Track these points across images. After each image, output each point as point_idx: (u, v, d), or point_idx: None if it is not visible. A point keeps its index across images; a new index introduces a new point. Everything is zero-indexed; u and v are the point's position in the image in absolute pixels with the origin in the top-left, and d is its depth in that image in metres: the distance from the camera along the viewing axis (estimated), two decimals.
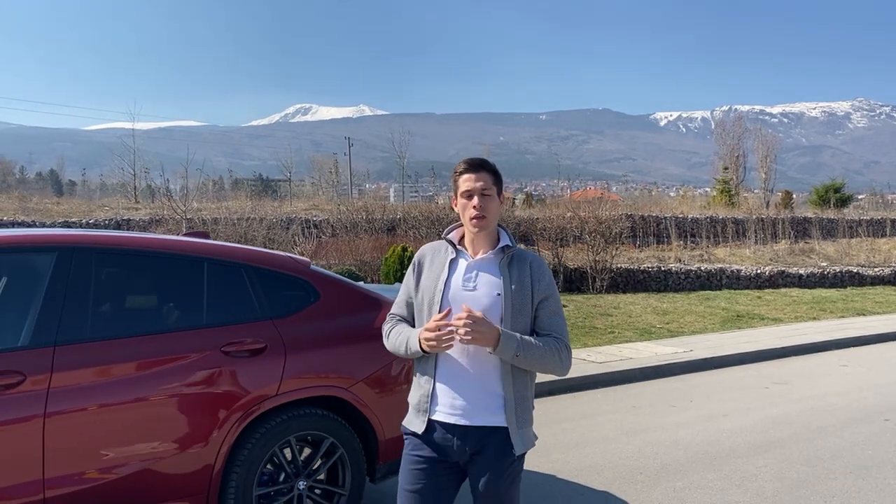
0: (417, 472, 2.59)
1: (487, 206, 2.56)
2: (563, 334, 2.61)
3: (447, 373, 2.57)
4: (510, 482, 2.57)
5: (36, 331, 3.22)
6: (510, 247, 2.62)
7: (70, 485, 3.18)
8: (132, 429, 3.33)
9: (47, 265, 3.36)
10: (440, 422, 2.57)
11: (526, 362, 2.51)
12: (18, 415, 3.07)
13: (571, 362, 2.62)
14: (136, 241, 3.77)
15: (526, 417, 2.59)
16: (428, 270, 2.67)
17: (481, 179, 2.57)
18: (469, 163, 2.63)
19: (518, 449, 2.54)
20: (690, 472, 5.18)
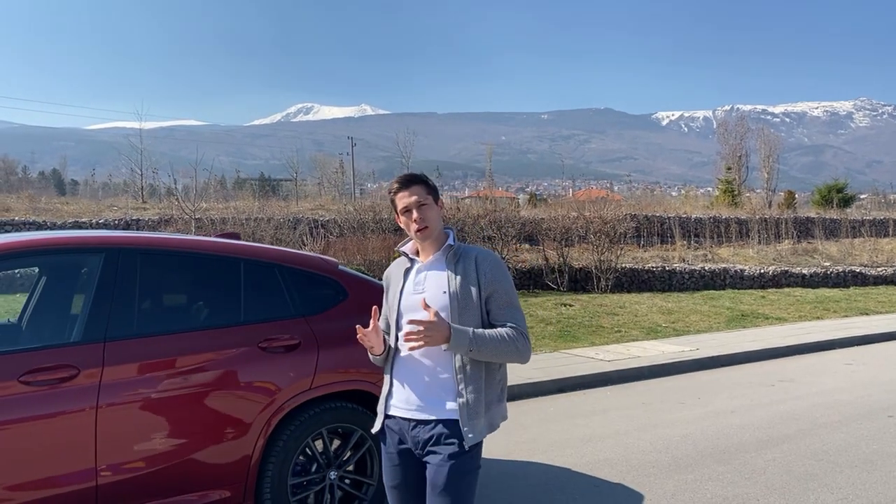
0: (392, 469, 2.70)
1: (427, 215, 2.68)
2: (518, 324, 2.64)
3: (402, 369, 2.69)
4: (460, 475, 2.56)
5: (87, 327, 3.40)
6: (452, 245, 2.71)
7: (120, 472, 3.36)
8: (176, 420, 3.51)
9: (96, 265, 3.54)
10: (396, 417, 2.68)
11: (482, 355, 2.56)
12: (74, 406, 3.25)
13: (530, 351, 2.66)
14: (177, 242, 3.95)
15: (477, 409, 2.60)
16: (392, 285, 2.81)
17: (414, 193, 2.69)
18: (400, 181, 2.75)
19: (468, 440, 2.56)
20: (701, 466, 5.35)
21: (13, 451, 3.14)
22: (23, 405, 3.16)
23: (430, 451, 2.60)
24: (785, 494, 4.74)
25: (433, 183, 2.79)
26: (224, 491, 3.64)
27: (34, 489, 3.18)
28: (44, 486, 3.20)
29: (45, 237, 3.68)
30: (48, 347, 3.35)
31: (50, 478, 3.21)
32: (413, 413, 2.63)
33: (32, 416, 3.17)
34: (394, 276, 2.83)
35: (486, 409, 2.63)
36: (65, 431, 3.24)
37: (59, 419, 3.22)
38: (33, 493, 3.18)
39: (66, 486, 3.24)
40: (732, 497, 4.69)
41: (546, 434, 6.27)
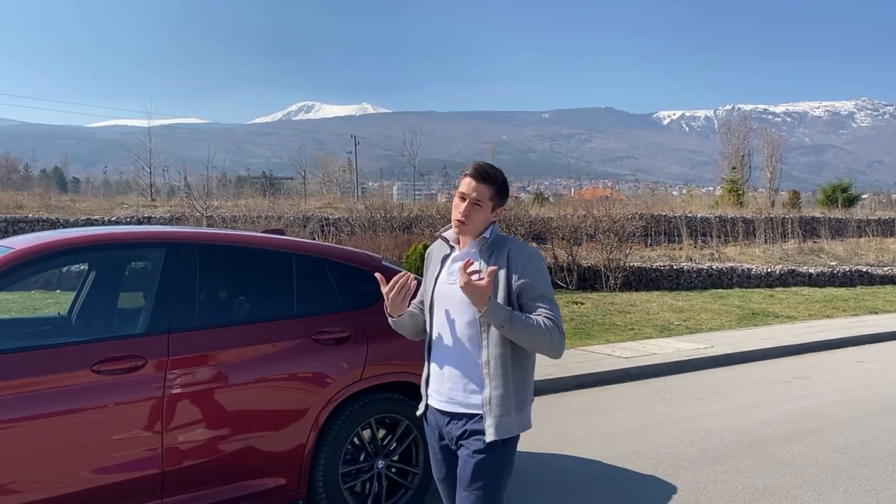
0: (437, 463, 2.76)
1: (473, 215, 2.63)
2: (554, 316, 2.57)
3: (437, 358, 2.72)
4: (487, 470, 2.55)
5: (152, 319, 3.53)
6: (487, 238, 2.68)
7: (184, 459, 3.48)
8: (236, 410, 3.63)
9: (158, 260, 3.66)
10: (432, 406, 2.73)
11: (514, 334, 2.51)
12: (142, 395, 3.37)
13: (564, 344, 2.60)
14: (233, 237, 4.07)
15: (505, 406, 2.57)
16: (430, 268, 2.82)
17: (478, 190, 2.63)
18: (476, 169, 2.66)
19: (490, 435, 2.54)
20: (729, 459, 5.47)
21: (87, 437, 3.26)
22: (94, 392, 3.28)
23: (460, 445, 2.63)
24: (814, 486, 4.86)
25: (503, 188, 2.69)
26: (279, 478, 3.76)
27: (106, 474, 3.30)
28: (115, 472, 3.32)
29: (109, 232, 3.81)
30: (117, 338, 3.48)
31: (120, 463, 3.34)
32: (445, 405, 2.67)
33: (104, 403, 3.30)
34: (433, 258, 2.83)
35: (517, 408, 2.61)
36: (134, 419, 3.36)
37: (129, 407, 3.34)
38: (105, 477, 3.30)
39: (135, 471, 3.36)
40: (764, 488, 4.82)
41: (573, 429, 6.39)
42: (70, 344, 3.42)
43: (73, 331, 3.84)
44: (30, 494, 3.14)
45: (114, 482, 3.31)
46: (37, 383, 3.18)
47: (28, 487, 3.14)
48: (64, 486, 3.21)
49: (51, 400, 3.19)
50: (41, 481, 3.17)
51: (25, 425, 3.13)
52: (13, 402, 3.12)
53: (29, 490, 3.14)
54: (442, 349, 2.69)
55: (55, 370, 3.23)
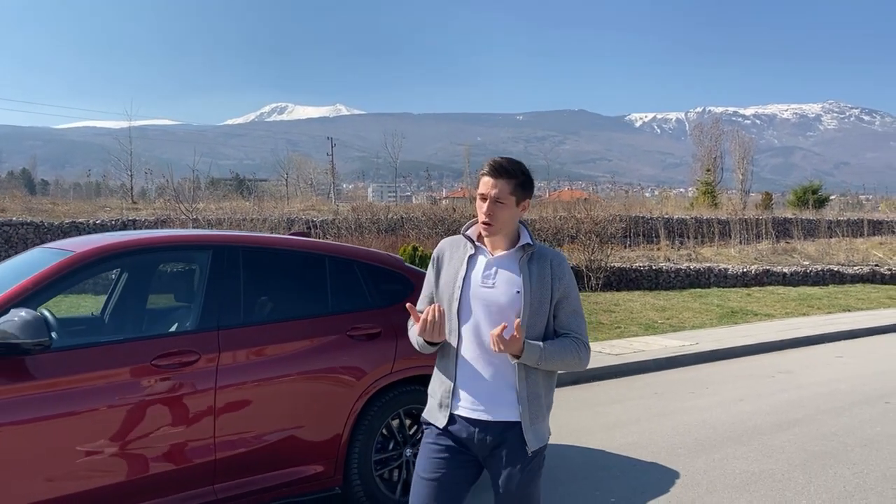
0: (438, 461, 2.60)
1: (497, 213, 2.56)
2: (581, 333, 2.63)
3: (467, 372, 2.60)
4: (529, 478, 2.58)
5: (202, 317, 3.77)
6: (531, 245, 2.63)
7: (234, 448, 3.72)
8: (280, 402, 3.88)
9: (205, 261, 3.90)
10: (462, 416, 2.60)
11: (547, 367, 2.57)
12: (196, 388, 3.61)
13: (589, 359, 2.67)
14: (271, 240, 4.33)
15: (538, 413, 2.60)
16: (447, 266, 2.68)
17: (497, 186, 2.55)
18: (493, 166, 2.59)
19: (531, 444, 2.56)
20: (724, 447, 5.82)
21: (146, 427, 3.49)
22: (153, 385, 3.51)
23: (496, 454, 2.58)
24: (806, 469, 5.22)
25: (529, 181, 2.63)
26: (318, 466, 4.01)
27: (165, 461, 3.53)
28: (173, 459, 3.56)
29: (159, 235, 4.05)
30: (172, 335, 3.72)
31: (177, 451, 3.57)
32: (479, 414, 2.58)
33: (162, 395, 3.53)
34: (452, 255, 2.70)
35: (547, 414, 2.65)
36: (188, 410, 3.59)
37: (185, 399, 3.58)
38: (165, 464, 3.53)
39: (191, 459, 3.60)
40: (759, 472, 5.16)
41: (573, 421, 6.70)
42: (132, 340, 3.66)
43: (132, 328, 4.05)
44: (98, 480, 3.36)
45: (172, 469, 3.54)
46: (104, 377, 3.41)
47: (97, 473, 3.36)
48: (129, 473, 3.43)
49: (116, 392, 3.42)
50: (108, 468, 3.38)
51: (94, 415, 3.35)
52: (85, 393, 3.34)
53: (98, 476, 3.36)
54: (474, 357, 2.59)
55: (120, 364, 3.46)
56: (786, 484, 4.94)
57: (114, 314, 4.24)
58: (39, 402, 3.22)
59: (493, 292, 2.57)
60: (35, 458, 3.22)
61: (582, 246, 18.22)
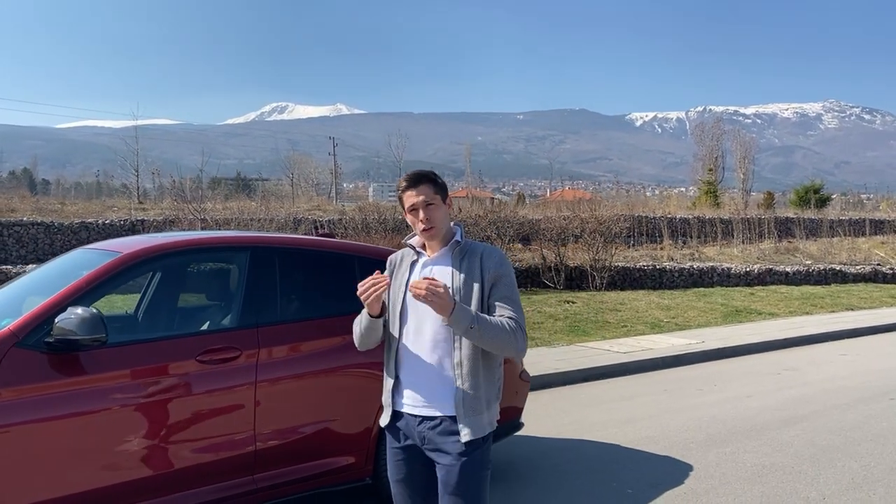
0: (398, 463, 2.75)
1: (433, 216, 2.71)
2: (516, 317, 2.66)
3: (407, 367, 2.72)
4: (469, 471, 2.61)
5: (242, 315, 3.95)
6: (459, 242, 2.75)
7: (273, 439, 3.90)
8: (314, 395, 4.06)
9: (244, 261, 4.08)
10: (404, 413, 2.72)
11: (480, 337, 2.57)
12: (238, 382, 3.79)
13: (526, 346, 2.71)
14: (304, 241, 4.51)
15: (475, 406, 2.64)
16: (396, 274, 2.85)
17: (422, 193, 2.70)
18: (408, 179, 2.76)
19: (465, 436, 2.60)
20: (734, 441, 5.99)
21: (193, 419, 3.66)
22: (198, 380, 3.69)
23: (438, 449, 2.66)
24: (815, 463, 5.39)
25: (442, 181, 2.82)
26: (350, 457, 4.19)
27: (209, 452, 3.71)
28: (216, 450, 3.73)
29: (201, 236, 4.23)
30: (214, 332, 3.90)
31: (220, 442, 3.74)
32: (419, 409, 2.69)
33: (207, 389, 3.70)
34: (400, 265, 2.87)
35: (487, 406, 2.69)
36: (231, 403, 3.77)
37: (227, 393, 3.75)
38: (208, 455, 3.70)
39: (233, 450, 3.78)
40: (770, 465, 5.34)
41: (586, 417, 6.88)
42: (178, 337, 3.84)
43: (176, 326, 4.22)
44: (147, 469, 3.53)
45: (216, 459, 3.72)
46: (153, 371, 3.58)
47: (147, 463, 3.53)
48: (176, 462, 3.60)
49: (164, 386, 3.59)
50: (157, 458, 3.56)
51: (145, 408, 3.52)
52: (136, 387, 3.51)
53: (148, 465, 3.53)
54: (415, 355, 2.70)
55: (168, 360, 3.64)
56: (796, 476, 5.12)
57: (157, 312, 4.41)
58: (96, 395, 3.39)
59: None
60: (91, 448, 3.39)
61: (587, 245, 18.39)
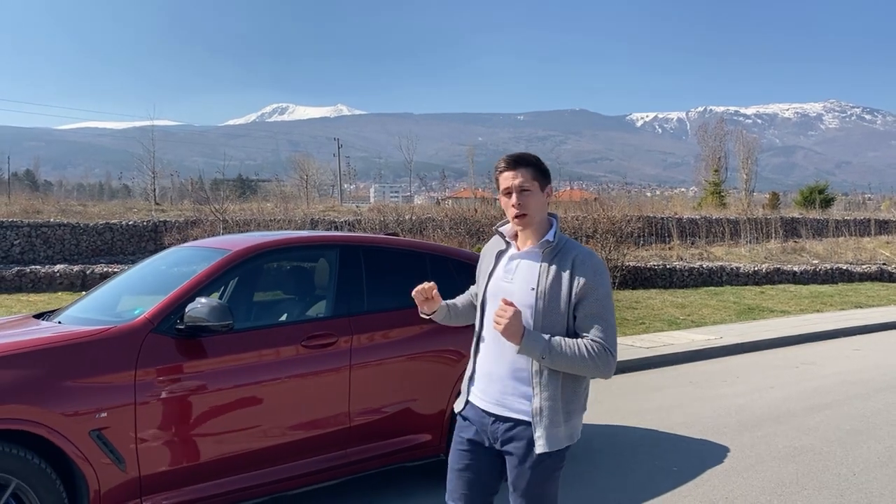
0: (462, 453, 2.67)
1: (527, 202, 2.55)
2: (602, 337, 2.48)
3: (485, 357, 2.65)
4: (542, 478, 2.54)
5: (336, 305, 4.39)
6: (550, 241, 2.58)
7: (364, 417, 4.34)
8: (399, 378, 4.50)
9: (334, 258, 4.53)
10: (476, 405, 2.65)
11: (555, 366, 2.47)
12: (335, 365, 4.22)
13: (614, 368, 2.53)
14: (383, 240, 4.96)
15: (555, 418, 2.51)
16: (483, 262, 2.77)
17: (520, 175, 2.56)
18: (507, 159, 2.60)
19: (539, 447, 2.50)
20: (764, 426, 6.42)
21: (298, 398, 4.10)
22: (304, 363, 4.13)
23: (507, 449, 2.58)
24: (842, 445, 5.83)
25: (545, 167, 2.65)
26: (427, 435, 4.62)
27: (310, 428, 4.14)
28: (316, 427, 4.16)
29: (297, 235, 4.69)
30: (315, 320, 4.34)
31: (320, 420, 4.18)
32: (491, 407, 2.60)
33: (310, 371, 4.14)
34: (487, 254, 2.77)
35: (566, 419, 2.55)
36: (330, 384, 4.20)
37: (327, 375, 4.19)
38: (310, 431, 4.14)
39: (330, 426, 4.22)
40: (800, 447, 5.77)
41: (621, 406, 7.31)
42: (287, 324, 4.30)
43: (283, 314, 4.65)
44: (259, 442, 3.96)
45: (316, 434, 4.15)
46: (267, 355, 4.03)
47: (260, 436, 3.97)
48: (284, 436, 4.03)
49: (277, 367, 4.03)
50: (268, 433, 3.99)
51: (260, 387, 3.96)
52: (253, 368, 3.95)
53: (259, 439, 3.96)
54: (493, 350, 2.61)
55: (280, 344, 4.09)
56: (826, 456, 5.55)
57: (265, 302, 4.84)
58: (220, 375, 3.82)
59: (510, 287, 2.59)
60: (217, 422, 3.82)
61: (599, 245, 18.81)
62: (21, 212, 21.27)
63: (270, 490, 3.98)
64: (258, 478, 3.92)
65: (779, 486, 4.89)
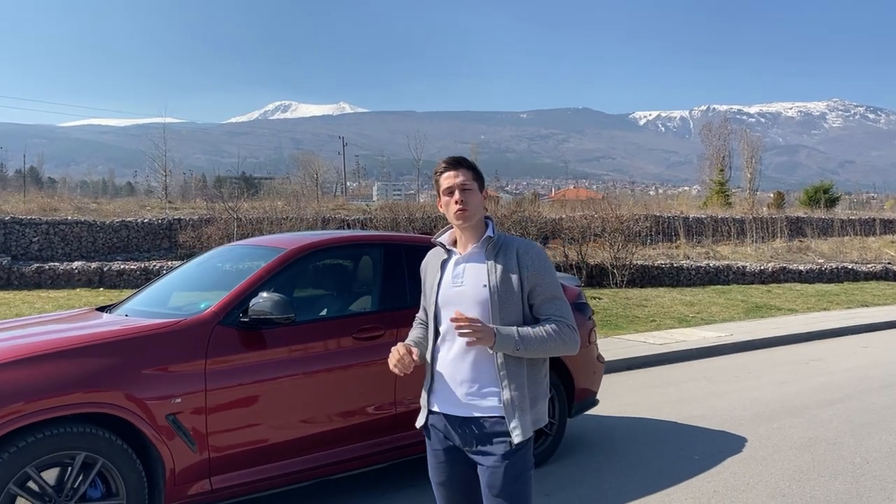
0: (439, 465, 2.72)
1: (469, 199, 2.65)
2: (563, 315, 2.62)
3: (443, 364, 2.69)
4: (516, 472, 2.57)
5: (381, 300, 4.67)
6: (491, 237, 2.68)
7: (407, 405, 4.60)
8: None
9: (379, 256, 4.80)
10: (440, 413, 2.68)
11: (528, 354, 2.56)
12: (383, 357, 4.45)
13: (578, 341, 2.66)
14: (422, 239, 5.21)
15: (522, 406, 2.58)
16: (428, 275, 2.83)
17: (460, 175, 2.67)
18: (448, 161, 2.73)
19: (516, 437, 2.54)
20: (779, 419, 6.68)
21: (350, 387, 4.38)
22: (355, 354, 4.42)
23: (480, 450, 2.60)
24: (855, 435, 6.10)
25: (480, 171, 2.78)
26: None
27: (360, 415, 4.43)
28: (365, 414, 4.45)
29: (345, 234, 4.97)
30: (364, 314, 4.62)
31: (368, 407, 4.46)
32: (458, 410, 2.63)
33: (361, 362, 4.43)
34: (430, 266, 2.83)
35: (532, 405, 2.63)
36: (378, 374, 4.45)
37: (376, 365, 4.45)
38: (360, 417, 4.42)
39: (378, 413, 4.50)
40: (815, 438, 6.04)
41: (640, 400, 7.57)
42: (340, 317, 4.58)
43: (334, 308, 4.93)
44: (316, 427, 4.25)
45: (367, 421, 4.43)
46: (326, 346, 4.32)
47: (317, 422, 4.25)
48: (339, 422, 4.32)
49: (333, 357, 4.32)
50: (325, 419, 4.27)
51: (319, 376, 4.24)
52: (313, 358, 4.23)
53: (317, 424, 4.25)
54: (453, 354, 2.65)
55: (336, 335, 4.38)
56: (840, 446, 5.81)
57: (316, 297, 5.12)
58: (282, 365, 4.11)
59: (463, 290, 2.66)
60: (280, 407, 4.10)
61: (608, 244, 19.06)
62: (38, 209, 21.55)
63: (324, 472, 4.27)
64: (313, 461, 4.21)
65: (797, 473, 5.16)
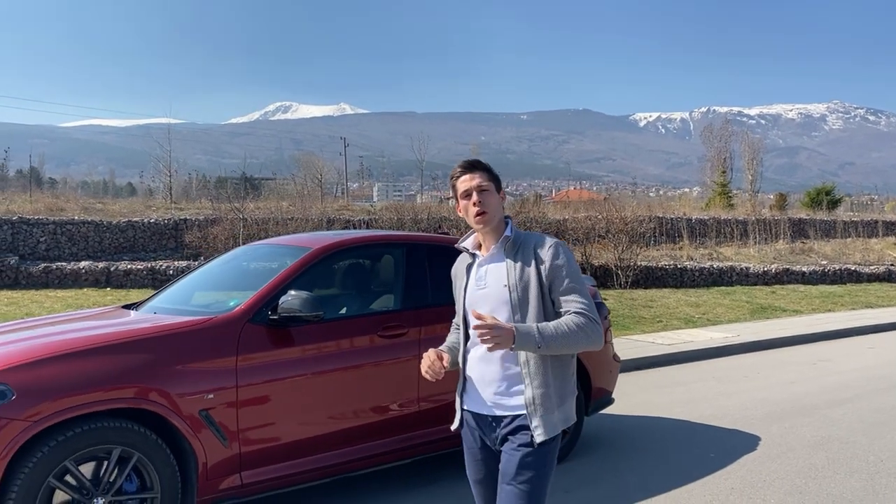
0: (475, 464, 2.78)
1: (487, 200, 2.66)
2: (584, 308, 2.59)
3: (474, 366, 2.74)
4: (534, 465, 2.57)
5: (404, 299, 4.74)
6: (508, 237, 2.70)
7: (430, 402, 4.68)
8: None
9: (401, 255, 4.87)
10: (471, 412, 2.76)
11: (552, 351, 2.55)
12: (407, 354, 4.56)
13: (602, 334, 2.65)
14: (442, 239, 5.31)
15: (548, 404, 2.59)
16: (457, 281, 2.89)
17: (477, 177, 2.69)
18: (463, 165, 2.75)
19: (539, 436, 2.56)
20: (790, 418, 6.75)
21: (375, 383, 4.46)
22: (381, 351, 4.50)
23: (506, 448, 2.65)
24: (866, 434, 6.17)
25: (496, 173, 2.79)
26: None
27: (385, 412, 4.50)
28: (390, 410, 4.52)
29: (368, 234, 5.05)
30: (388, 312, 4.69)
31: (393, 404, 4.54)
32: (488, 410, 2.69)
33: (386, 359, 4.51)
34: (458, 272, 2.89)
35: (559, 403, 2.64)
36: (402, 371, 4.54)
37: (400, 363, 4.54)
38: (385, 414, 4.50)
39: (403, 408, 4.58)
40: (828, 436, 6.11)
41: (651, 399, 7.64)
42: (366, 315, 4.65)
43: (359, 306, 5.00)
44: (344, 423, 4.32)
45: (391, 417, 4.51)
46: (353, 343, 4.40)
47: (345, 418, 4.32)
48: (362, 419, 4.39)
49: (360, 354, 4.40)
50: (352, 414, 4.34)
51: (346, 373, 4.31)
52: (341, 355, 4.31)
53: (345, 419, 4.32)
54: (481, 356, 2.70)
55: (362, 333, 4.46)
56: (853, 445, 5.89)
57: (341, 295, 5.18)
58: (310, 361, 4.19)
59: (486, 292, 2.70)
60: (308, 403, 4.18)
61: (613, 245, 19.12)
62: (45, 209, 21.62)
63: (350, 468, 4.34)
64: (339, 456, 4.28)
65: (812, 471, 5.23)
